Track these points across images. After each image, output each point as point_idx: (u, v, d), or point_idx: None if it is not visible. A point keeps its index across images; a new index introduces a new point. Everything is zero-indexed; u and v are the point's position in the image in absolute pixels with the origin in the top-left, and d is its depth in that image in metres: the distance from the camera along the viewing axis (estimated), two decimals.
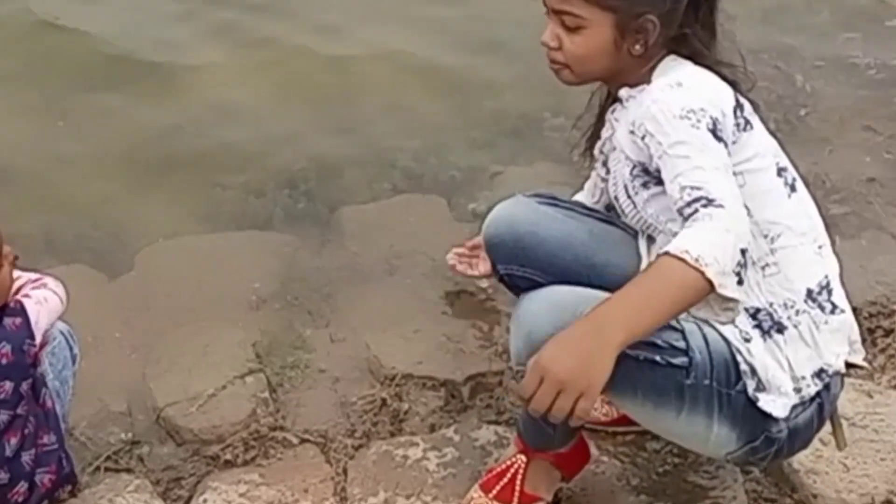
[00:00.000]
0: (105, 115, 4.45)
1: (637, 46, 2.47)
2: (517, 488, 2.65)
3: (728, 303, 2.24)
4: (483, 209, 3.43)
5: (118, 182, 4.10)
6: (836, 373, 2.50)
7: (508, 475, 2.65)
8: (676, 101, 2.36)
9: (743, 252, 2.23)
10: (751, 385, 2.40)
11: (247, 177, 4.14)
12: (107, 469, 2.84)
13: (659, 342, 2.34)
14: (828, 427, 2.58)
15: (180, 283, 3.47)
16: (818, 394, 2.47)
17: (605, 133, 2.66)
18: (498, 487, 2.66)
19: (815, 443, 2.71)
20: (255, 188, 4.10)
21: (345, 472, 2.85)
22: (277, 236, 3.77)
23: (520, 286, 2.71)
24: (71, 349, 2.72)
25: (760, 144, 2.48)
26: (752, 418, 2.41)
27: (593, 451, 2.81)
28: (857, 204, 3.80)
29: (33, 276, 2.65)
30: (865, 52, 4.75)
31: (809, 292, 2.46)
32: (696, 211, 2.24)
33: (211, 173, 4.16)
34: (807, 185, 2.57)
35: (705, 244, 2.19)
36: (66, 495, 2.68)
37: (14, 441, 2.42)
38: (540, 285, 2.51)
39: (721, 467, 2.78)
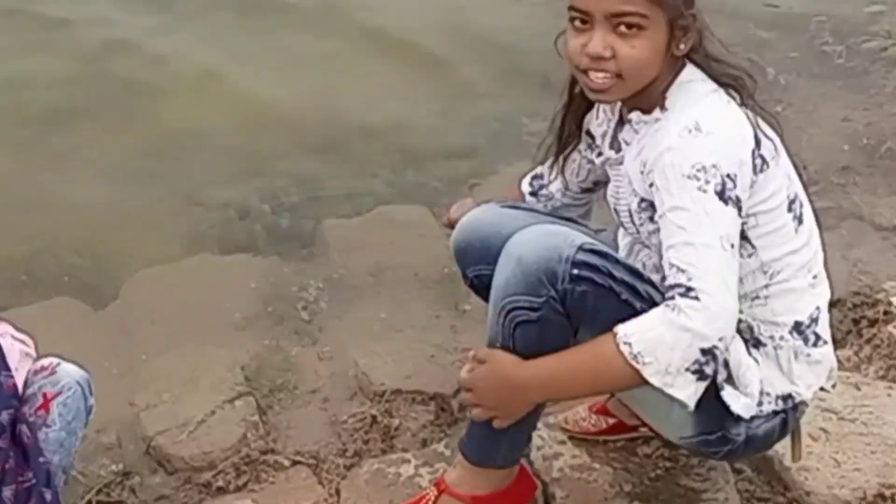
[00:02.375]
0: (80, 144, 4.44)
1: (682, 46, 2.35)
2: None
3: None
4: None
5: (98, 211, 4.09)
6: (802, 402, 2.51)
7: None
8: (691, 154, 2.27)
9: (705, 350, 2.24)
10: (721, 374, 2.38)
11: (228, 196, 4.14)
12: (98, 503, 2.84)
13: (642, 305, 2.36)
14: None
15: (165, 310, 3.47)
16: (784, 410, 2.48)
17: (603, 135, 2.59)
18: None
19: (806, 439, 2.72)
20: (237, 207, 4.11)
21: (338, 492, 2.84)
22: (260, 257, 3.77)
23: (488, 286, 2.68)
24: (86, 400, 2.68)
25: (776, 180, 2.37)
26: (713, 411, 2.40)
27: (585, 458, 2.82)
28: (836, 193, 3.81)
29: None
30: (836, 40, 4.76)
31: (797, 325, 2.45)
32: (672, 298, 2.25)
33: (190, 194, 4.16)
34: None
35: (651, 342, 2.25)
36: None
37: None
38: None
39: (713, 469, 2.78)
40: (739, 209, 2.29)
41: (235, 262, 3.74)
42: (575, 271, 2.35)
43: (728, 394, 2.41)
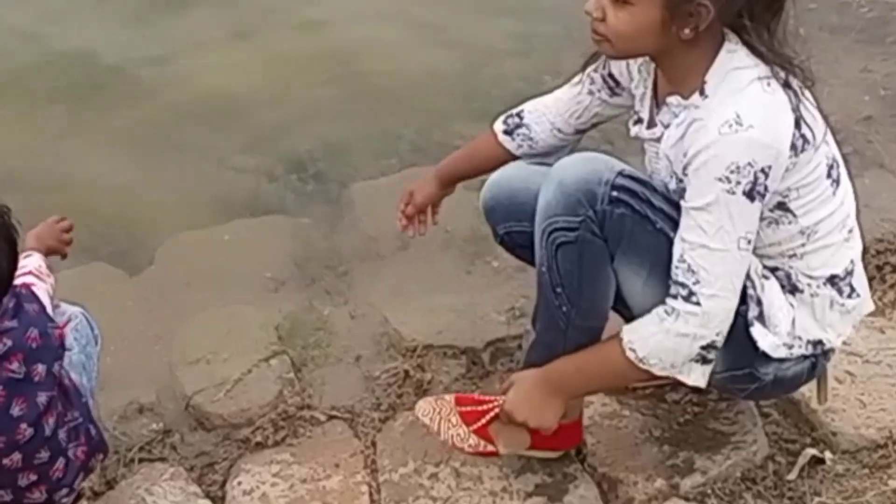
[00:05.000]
0: (109, 110, 4.50)
1: (686, 31, 2.33)
2: (482, 422, 2.70)
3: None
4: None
5: (129, 180, 4.15)
6: (832, 349, 2.58)
7: (484, 406, 2.71)
8: (727, 155, 2.29)
9: (705, 346, 2.41)
10: (752, 311, 2.45)
11: (255, 162, 4.20)
12: (141, 460, 2.90)
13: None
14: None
15: (199, 272, 3.53)
16: (814, 354, 2.54)
17: (641, 99, 2.57)
18: (468, 408, 2.73)
19: (832, 382, 2.77)
20: (265, 173, 4.17)
21: (374, 444, 2.91)
22: (291, 219, 3.84)
23: (520, 244, 2.74)
24: (92, 329, 2.79)
25: (818, 155, 2.41)
26: (743, 347, 2.47)
27: (614, 406, 2.87)
28: (858, 143, 3.83)
29: None
30: None
31: (832, 277, 2.50)
32: (675, 297, 2.38)
33: (219, 161, 4.22)
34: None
35: (654, 347, 2.42)
36: (98, 464, 2.72)
37: (52, 421, 2.50)
38: None
39: (741, 412, 2.83)
40: (764, 198, 2.34)
41: (266, 225, 3.80)
42: (614, 193, 2.42)
43: (757, 331, 2.47)
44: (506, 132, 2.85)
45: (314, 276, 3.51)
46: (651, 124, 2.55)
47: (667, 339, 2.40)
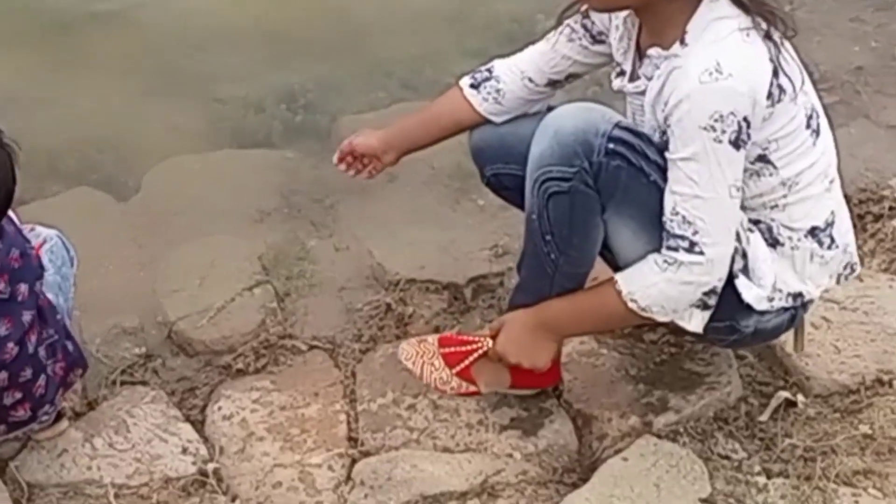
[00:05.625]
0: (98, 44, 4.47)
1: None
2: (465, 364, 2.75)
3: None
4: None
5: (118, 104, 4.14)
6: (811, 300, 2.61)
7: (466, 347, 2.76)
8: (709, 104, 2.31)
9: (707, 292, 2.44)
10: (737, 263, 2.48)
11: (245, 92, 4.19)
12: (122, 383, 2.93)
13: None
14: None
15: (186, 202, 3.55)
16: (793, 307, 2.57)
17: (624, 54, 2.57)
18: (451, 349, 2.77)
19: (808, 328, 2.80)
20: (253, 103, 4.15)
21: (353, 375, 2.94)
22: (278, 151, 3.85)
23: (507, 186, 2.77)
24: (68, 251, 2.81)
25: (795, 104, 2.42)
26: (727, 299, 2.49)
27: (592, 345, 2.90)
28: (846, 93, 3.85)
29: None
30: None
31: (813, 229, 2.53)
32: (676, 249, 2.40)
33: (209, 91, 4.21)
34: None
35: (656, 296, 2.45)
36: (77, 378, 2.76)
37: (34, 339, 2.52)
38: (525, 181, 2.55)
39: (716, 354, 2.87)
40: (747, 147, 2.36)
41: (254, 156, 3.82)
42: (610, 145, 2.42)
43: (742, 283, 2.50)
44: (472, 86, 2.80)
45: (300, 208, 3.53)
46: (633, 77, 2.55)
47: (670, 288, 2.43)
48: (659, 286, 2.44)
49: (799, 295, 2.56)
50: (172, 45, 4.43)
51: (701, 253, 2.38)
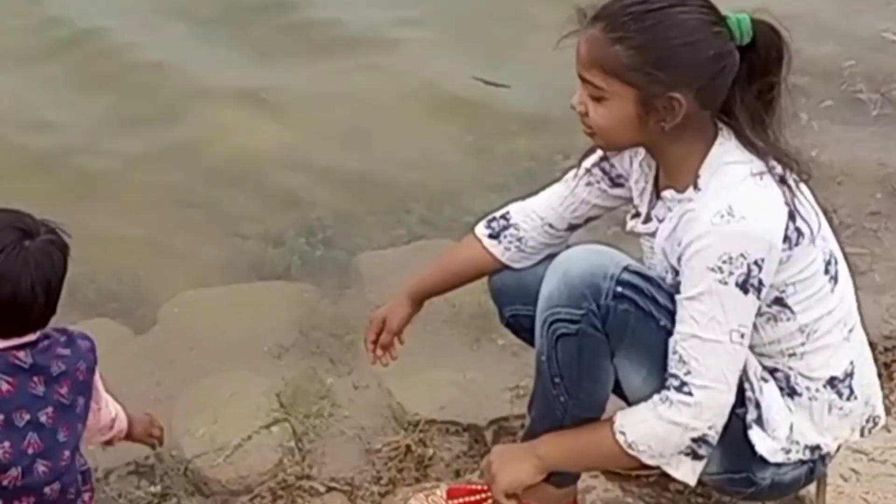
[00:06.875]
0: (118, 174, 4.50)
1: (665, 124, 2.34)
2: None
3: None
4: None
5: (136, 239, 4.15)
6: (829, 453, 2.56)
7: (475, 497, 2.73)
8: (720, 245, 2.29)
9: (696, 439, 2.38)
10: (751, 414, 2.44)
11: (265, 226, 4.20)
12: None
13: None
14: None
15: (203, 335, 3.52)
16: (811, 459, 2.52)
17: (641, 194, 2.57)
18: (460, 501, 2.75)
19: (837, 479, 2.76)
20: (273, 237, 4.16)
21: None
22: (297, 285, 3.84)
23: (525, 327, 2.72)
24: None
25: (815, 249, 2.40)
26: (741, 450, 2.46)
27: (617, 492, 2.85)
28: (868, 239, 3.85)
29: None
30: (870, 87, 4.79)
31: (832, 379, 2.49)
32: (668, 389, 2.38)
33: (229, 224, 4.23)
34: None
35: (644, 433, 2.41)
36: None
37: (79, 458, 2.50)
38: None
39: None
40: (760, 292, 2.33)
41: (272, 290, 3.80)
42: (619, 289, 2.40)
43: (755, 434, 2.45)
44: (491, 236, 2.77)
45: (319, 345, 3.50)
46: (647, 219, 2.55)
47: (658, 426, 2.39)
48: (648, 423, 2.40)
49: (817, 448, 2.51)
50: (194, 177, 4.46)
51: (689, 394, 2.34)
